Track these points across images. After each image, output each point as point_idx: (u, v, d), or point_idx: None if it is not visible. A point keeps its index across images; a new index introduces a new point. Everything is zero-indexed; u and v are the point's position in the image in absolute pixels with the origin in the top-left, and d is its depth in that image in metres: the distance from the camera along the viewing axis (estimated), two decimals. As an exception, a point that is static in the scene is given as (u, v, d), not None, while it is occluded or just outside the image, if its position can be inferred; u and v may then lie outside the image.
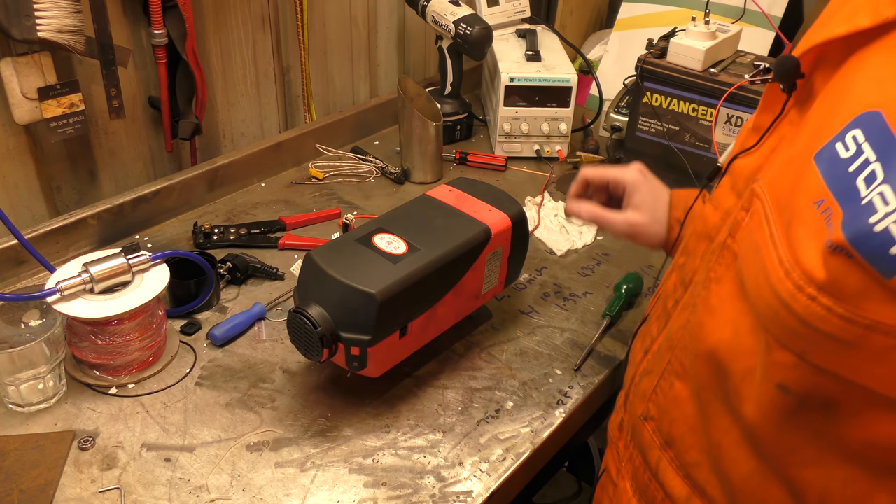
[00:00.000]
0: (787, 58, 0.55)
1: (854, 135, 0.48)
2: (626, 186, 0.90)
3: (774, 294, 0.51)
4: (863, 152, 0.47)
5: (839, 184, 0.47)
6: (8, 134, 1.06)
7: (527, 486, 0.92)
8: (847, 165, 0.47)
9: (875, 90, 0.49)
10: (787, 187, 0.53)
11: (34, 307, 0.91)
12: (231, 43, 1.29)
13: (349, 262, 0.85)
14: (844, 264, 0.47)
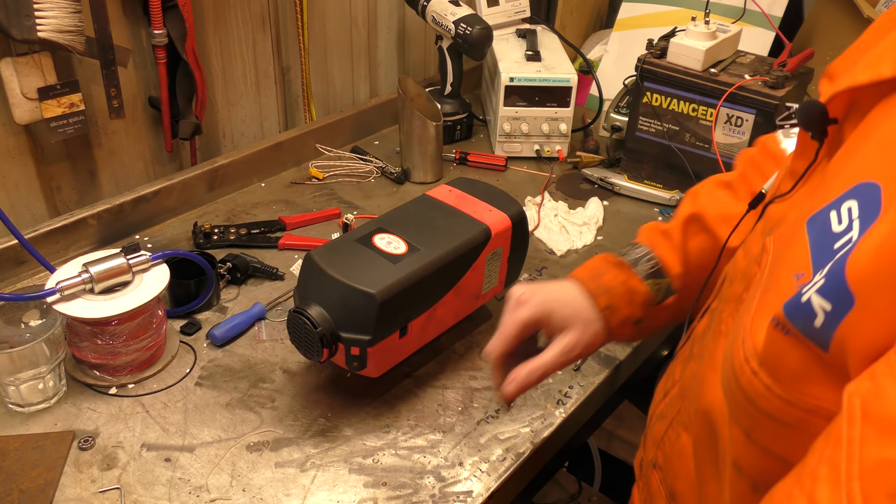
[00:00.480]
0: (813, 104, 0.51)
1: (850, 206, 0.43)
2: (535, 325, 0.77)
3: (730, 362, 0.49)
4: (851, 230, 0.42)
5: (821, 260, 0.43)
6: (8, 134, 1.06)
7: (527, 486, 0.92)
8: (834, 241, 0.43)
9: (880, 156, 0.44)
10: (782, 248, 0.50)
11: (34, 307, 0.91)
12: (231, 43, 1.29)
13: (349, 262, 0.85)
14: (782, 340, 0.43)
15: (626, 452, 1.59)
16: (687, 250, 0.80)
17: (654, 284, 0.79)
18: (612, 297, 0.77)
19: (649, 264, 0.80)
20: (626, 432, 1.67)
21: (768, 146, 0.82)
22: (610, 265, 0.79)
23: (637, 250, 0.81)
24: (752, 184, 0.80)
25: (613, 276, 0.78)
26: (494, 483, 0.83)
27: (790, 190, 0.56)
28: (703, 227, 0.80)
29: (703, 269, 0.78)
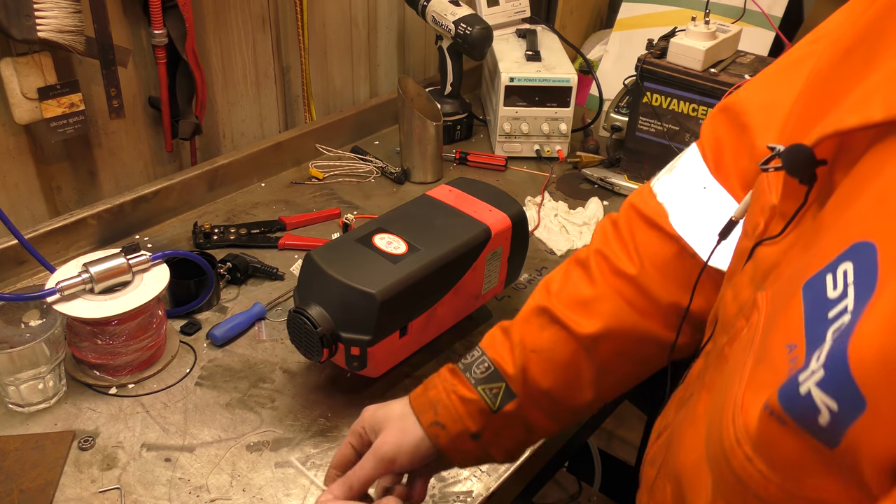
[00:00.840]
0: (799, 149, 0.46)
1: (845, 269, 0.39)
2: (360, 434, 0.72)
3: (718, 437, 0.45)
4: (846, 296, 0.38)
5: (815, 331, 0.39)
6: (8, 134, 1.06)
7: (527, 486, 0.92)
8: (828, 309, 0.39)
9: (876, 211, 0.40)
10: (776, 312, 0.46)
11: (34, 307, 0.91)
12: (231, 43, 1.29)
13: (349, 262, 0.85)
14: (778, 430, 0.40)
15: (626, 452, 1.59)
16: (530, 348, 0.70)
17: (488, 390, 0.69)
18: (437, 412, 0.69)
19: (481, 368, 0.71)
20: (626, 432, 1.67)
21: (640, 208, 0.72)
22: (445, 374, 0.71)
23: (473, 354, 0.72)
24: (612, 259, 0.71)
25: (443, 388, 0.70)
26: (494, 483, 0.83)
27: (781, 232, 0.51)
28: (552, 319, 0.71)
29: (560, 365, 0.70)
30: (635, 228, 0.71)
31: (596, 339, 0.69)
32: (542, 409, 0.71)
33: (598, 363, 0.70)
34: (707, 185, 0.69)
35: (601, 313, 0.70)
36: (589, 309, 0.70)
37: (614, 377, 0.72)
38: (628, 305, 0.70)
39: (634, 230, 0.71)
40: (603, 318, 0.69)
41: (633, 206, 0.73)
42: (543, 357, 0.70)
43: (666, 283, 0.69)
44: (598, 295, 0.70)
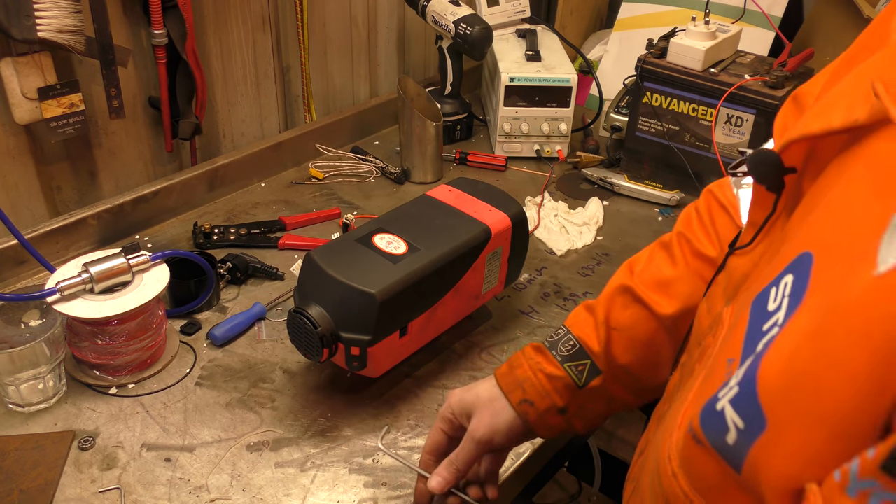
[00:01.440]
0: (765, 154, 0.45)
1: (786, 281, 0.38)
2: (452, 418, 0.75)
3: (657, 452, 0.45)
4: (780, 309, 0.38)
5: (750, 345, 0.39)
6: (8, 134, 1.06)
7: (527, 486, 0.92)
8: (764, 321, 0.38)
9: (821, 222, 0.39)
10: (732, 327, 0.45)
11: (34, 307, 0.91)
12: (231, 43, 1.29)
13: (349, 262, 0.85)
14: (696, 449, 0.40)
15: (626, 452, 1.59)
16: (612, 326, 0.72)
17: (574, 367, 0.72)
18: (525, 390, 0.72)
19: (567, 346, 0.73)
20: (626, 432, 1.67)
21: (717, 195, 0.73)
22: (530, 353, 0.74)
23: (559, 332, 0.75)
24: (694, 242, 0.72)
25: (529, 366, 0.73)
26: (494, 483, 0.83)
27: (750, 242, 0.50)
28: (634, 298, 0.72)
29: (641, 343, 0.71)
30: (714, 213, 0.72)
31: (676, 319, 0.71)
32: (623, 385, 0.73)
33: (677, 342, 0.72)
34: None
35: (681, 294, 0.71)
36: (670, 289, 0.72)
37: None
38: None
39: (714, 215, 0.72)
40: (682, 299, 0.71)
41: (712, 192, 0.74)
42: (625, 335, 0.72)
43: None
44: (679, 276, 0.71)
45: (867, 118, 0.37)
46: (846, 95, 0.41)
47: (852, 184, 0.38)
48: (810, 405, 0.33)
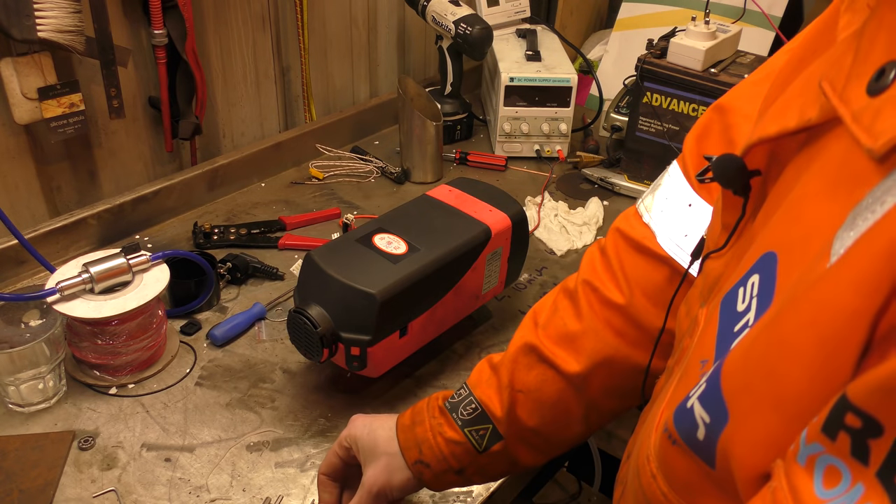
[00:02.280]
0: (728, 158, 0.45)
1: (753, 281, 0.39)
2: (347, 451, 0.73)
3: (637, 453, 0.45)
4: (749, 310, 0.38)
5: (722, 346, 0.39)
6: (8, 134, 1.06)
7: (527, 486, 0.92)
8: (735, 322, 0.39)
9: (782, 221, 0.39)
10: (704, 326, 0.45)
11: (34, 307, 0.91)
12: (231, 43, 1.29)
13: (349, 262, 0.85)
14: (671, 449, 0.40)
15: (626, 452, 1.59)
16: (517, 388, 0.69)
17: (475, 432, 0.69)
18: (422, 452, 0.69)
19: (468, 409, 0.70)
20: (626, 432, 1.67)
21: (626, 233, 0.70)
22: (433, 410, 0.71)
23: (460, 392, 0.72)
24: (602, 289, 0.69)
25: (430, 426, 0.70)
26: (494, 483, 0.83)
27: (724, 245, 0.50)
28: (539, 357, 0.69)
29: (549, 404, 0.69)
30: (623, 255, 0.69)
31: (584, 377, 0.68)
32: (529, 445, 0.71)
33: (587, 400, 0.69)
34: (692, 203, 0.66)
35: (588, 349, 0.68)
36: (576, 345, 0.68)
37: (604, 411, 0.71)
38: (618, 337, 0.68)
39: (622, 257, 0.69)
40: (590, 355, 0.68)
41: (620, 230, 0.71)
42: (531, 397, 0.69)
43: (656, 310, 0.67)
44: (586, 329, 0.68)
45: (818, 118, 0.37)
46: (799, 96, 0.41)
47: (808, 183, 0.38)
48: (767, 392, 0.34)
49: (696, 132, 0.67)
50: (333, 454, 0.73)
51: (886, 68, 0.33)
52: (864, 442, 0.29)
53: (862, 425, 0.29)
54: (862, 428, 0.29)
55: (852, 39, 0.37)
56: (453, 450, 0.69)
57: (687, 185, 0.67)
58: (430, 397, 0.73)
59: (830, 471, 0.31)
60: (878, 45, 0.35)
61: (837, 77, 0.36)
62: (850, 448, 0.30)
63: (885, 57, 0.34)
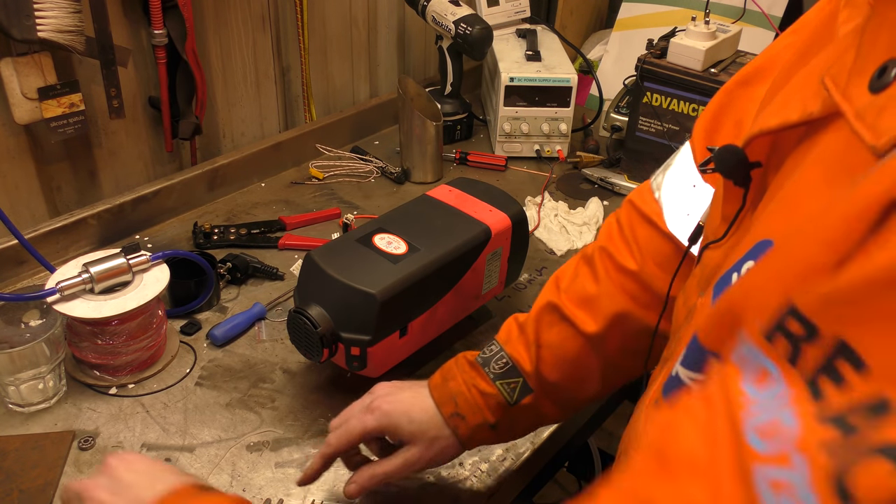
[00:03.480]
0: (730, 149, 0.46)
1: (747, 266, 0.40)
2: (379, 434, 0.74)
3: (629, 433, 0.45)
4: None
5: None
6: (8, 134, 1.06)
7: (527, 486, 0.92)
8: None
9: (780, 211, 0.41)
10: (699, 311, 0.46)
11: (34, 307, 0.91)
12: (231, 43, 1.29)
13: (349, 262, 0.85)
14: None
15: (626, 452, 1.59)
16: (542, 345, 0.73)
17: (506, 385, 0.72)
18: (458, 404, 0.72)
19: (500, 364, 0.73)
20: (626, 432, 1.67)
21: (638, 205, 0.73)
22: (464, 366, 0.74)
23: (491, 347, 0.75)
24: (616, 256, 0.72)
25: (462, 380, 0.73)
26: (494, 483, 0.83)
27: (723, 236, 0.51)
28: (561, 316, 0.73)
29: (569, 361, 0.72)
30: (635, 225, 0.73)
31: (601, 336, 0.72)
32: (552, 400, 0.74)
33: (604, 358, 0.73)
34: (696, 184, 0.70)
35: (605, 311, 0.72)
36: (593, 307, 0.72)
37: (620, 369, 0.75)
38: (631, 300, 0.71)
39: (635, 227, 0.73)
40: (606, 316, 0.71)
41: (633, 203, 0.75)
42: (553, 353, 0.72)
43: (666, 277, 0.70)
44: (602, 293, 0.72)
45: (820, 111, 0.39)
46: (801, 90, 0.42)
47: (806, 174, 0.40)
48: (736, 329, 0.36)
49: (705, 116, 0.70)
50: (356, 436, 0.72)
51: (888, 66, 0.34)
52: (799, 346, 0.31)
53: (803, 332, 0.31)
54: (802, 334, 0.31)
55: (854, 36, 0.38)
56: (487, 402, 0.72)
57: (693, 167, 0.70)
58: (455, 357, 0.77)
59: (762, 371, 0.33)
60: (880, 42, 0.35)
61: (840, 73, 0.37)
62: (787, 352, 0.32)
63: (886, 54, 0.34)
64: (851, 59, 0.37)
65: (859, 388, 0.28)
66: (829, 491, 0.27)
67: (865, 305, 0.29)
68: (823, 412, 0.29)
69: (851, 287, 0.30)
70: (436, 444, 0.72)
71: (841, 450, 0.27)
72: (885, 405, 0.27)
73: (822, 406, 0.29)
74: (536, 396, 0.73)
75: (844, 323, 0.30)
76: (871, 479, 0.26)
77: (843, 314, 0.30)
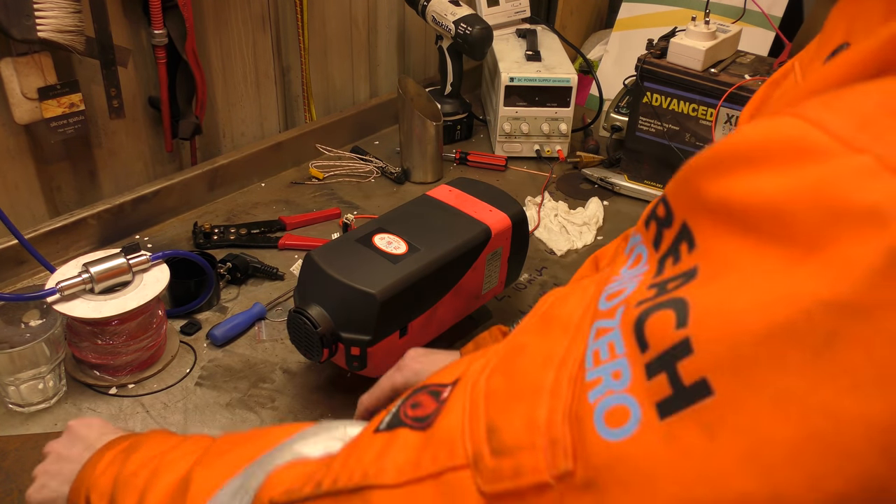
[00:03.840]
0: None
1: None
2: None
3: None
4: None
5: None
6: (8, 134, 1.06)
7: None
8: None
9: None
10: None
11: (34, 307, 0.91)
12: (231, 43, 1.29)
13: (349, 262, 0.85)
14: None
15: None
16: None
17: None
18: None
19: None
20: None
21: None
22: (496, 334, 0.76)
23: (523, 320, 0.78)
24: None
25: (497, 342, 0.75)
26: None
27: None
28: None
29: None
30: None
31: None
32: None
33: None
34: None
35: None
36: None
37: None
38: None
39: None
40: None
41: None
42: None
43: None
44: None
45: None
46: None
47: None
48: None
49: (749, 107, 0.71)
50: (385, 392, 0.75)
51: (840, 48, 0.38)
52: (661, 231, 0.35)
53: (664, 215, 0.35)
54: (663, 218, 0.35)
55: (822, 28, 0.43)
56: None
57: None
58: (491, 328, 0.80)
59: (638, 257, 0.37)
60: (838, 29, 0.39)
61: (805, 57, 0.42)
62: (653, 237, 0.36)
63: (841, 39, 0.38)
64: (815, 47, 0.41)
65: (685, 262, 0.32)
66: (630, 332, 0.32)
67: (697, 187, 0.33)
68: (654, 281, 0.33)
69: (694, 166, 0.34)
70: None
71: (647, 303, 0.32)
72: (694, 273, 0.31)
73: (657, 277, 0.34)
74: None
75: (685, 204, 0.34)
76: (657, 324, 0.31)
77: (684, 194, 0.34)
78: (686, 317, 0.30)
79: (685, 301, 0.30)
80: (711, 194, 0.32)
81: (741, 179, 0.30)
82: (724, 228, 0.31)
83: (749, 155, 0.31)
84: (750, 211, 0.30)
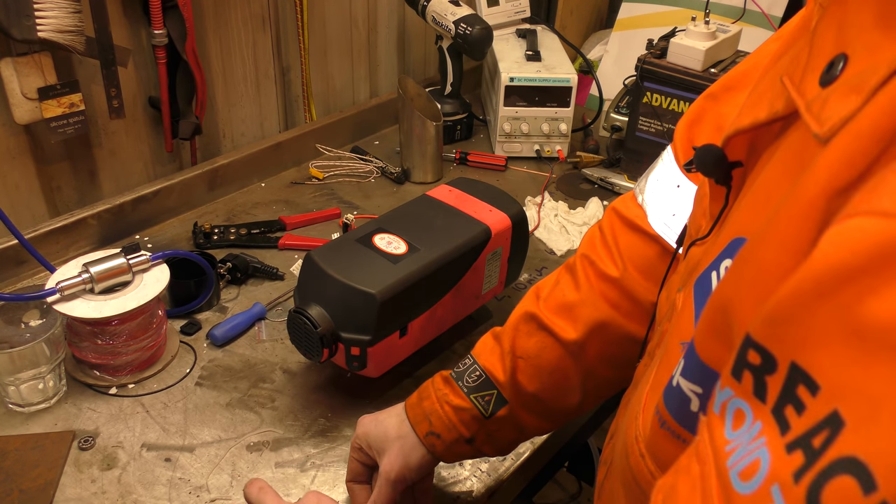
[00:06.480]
0: (709, 149, 0.47)
1: (726, 265, 0.41)
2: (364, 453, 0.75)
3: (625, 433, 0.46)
4: None
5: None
6: (8, 134, 1.06)
7: (527, 486, 0.92)
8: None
9: (751, 207, 0.41)
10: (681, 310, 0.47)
11: (34, 307, 0.91)
12: (231, 43, 1.29)
13: (349, 262, 0.85)
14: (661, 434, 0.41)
15: (626, 452, 1.59)
16: (518, 354, 0.72)
17: (480, 398, 0.72)
18: (431, 423, 0.71)
19: (473, 377, 0.72)
20: (626, 432, 1.67)
21: (621, 212, 0.73)
22: (438, 384, 0.74)
23: (465, 362, 0.75)
24: (598, 263, 0.72)
25: (436, 398, 0.72)
26: (494, 483, 0.83)
27: (708, 233, 0.51)
28: (539, 325, 0.72)
29: (547, 370, 0.71)
30: (617, 232, 0.73)
31: (581, 344, 0.71)
32: (532, 412, 0.73)
33: (584, 367, 0.72)
34: (680, 184, 0.70)
35: (585, 318, 0.71)
36: (573, 314, 0.71)
37: (600, 381, 0.74)
38: (612, 308, 0.71)
39: (617, 234, 0.73)
40: (586, 323, 0.71)
41: (615, 210, 0.75)
42: (531, 363, 0.72)
43: (648, 284, 0.70)
44: (583, 299, 0.71)
45: (784, 109, 0.40)
46: (769, 89, 0.44)
47: (772, 170, 0.41)
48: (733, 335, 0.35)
49: (687, 119, 0.70)
50: (351, 460, 0.75)
51: (835, 60, 0.35)
52: (762, 379, 0.31)
53: (760, 361, 0.31)
54: (760, 364, 0.31)
55: (809, 35, 0.40)
56: (461, 416, 0.71)
57: (676, 168, 0.71)
58: (433, 377, 0.75)
59: (738, 413, 0.32)
60: (828, 39, 0.37)
61: (796, 71, 0.39)
62: (752, 387, 0.31)
63: (834, 50, 0.36)
64: (806, 57, 0.38)
65: (815, 409, 0.28)
66: None
67: (801, 322, 0.29)
68: (788, 440, 0.29)
69: (788, 302, 0.29)
70: (410, 455, 0.71)
71: (808, 474, 0.27)
72: (839, 420, 0.27)
73: (788, 435, 0.29)
74: (512, 408, 0.72)
75: (791, 344, 0.29)
76: (839, 498, 0.26)
77: (786, 334, 0.30)
78: (871, 479, 0.25)
79: (859, 460, 0.26)
80: (831, 325, 0.28)
81: (863, 301, 0.27)
82: (853, 359, 0.27)
83: (854, 275, 0.27)
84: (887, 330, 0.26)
